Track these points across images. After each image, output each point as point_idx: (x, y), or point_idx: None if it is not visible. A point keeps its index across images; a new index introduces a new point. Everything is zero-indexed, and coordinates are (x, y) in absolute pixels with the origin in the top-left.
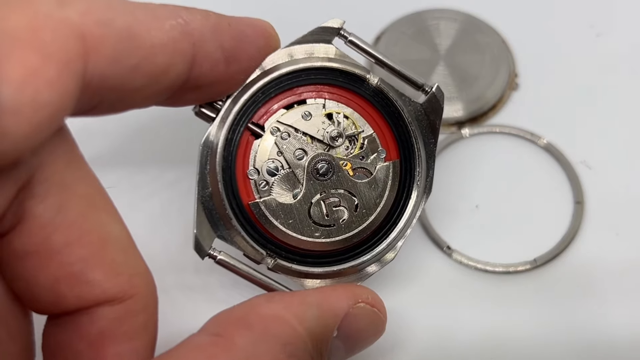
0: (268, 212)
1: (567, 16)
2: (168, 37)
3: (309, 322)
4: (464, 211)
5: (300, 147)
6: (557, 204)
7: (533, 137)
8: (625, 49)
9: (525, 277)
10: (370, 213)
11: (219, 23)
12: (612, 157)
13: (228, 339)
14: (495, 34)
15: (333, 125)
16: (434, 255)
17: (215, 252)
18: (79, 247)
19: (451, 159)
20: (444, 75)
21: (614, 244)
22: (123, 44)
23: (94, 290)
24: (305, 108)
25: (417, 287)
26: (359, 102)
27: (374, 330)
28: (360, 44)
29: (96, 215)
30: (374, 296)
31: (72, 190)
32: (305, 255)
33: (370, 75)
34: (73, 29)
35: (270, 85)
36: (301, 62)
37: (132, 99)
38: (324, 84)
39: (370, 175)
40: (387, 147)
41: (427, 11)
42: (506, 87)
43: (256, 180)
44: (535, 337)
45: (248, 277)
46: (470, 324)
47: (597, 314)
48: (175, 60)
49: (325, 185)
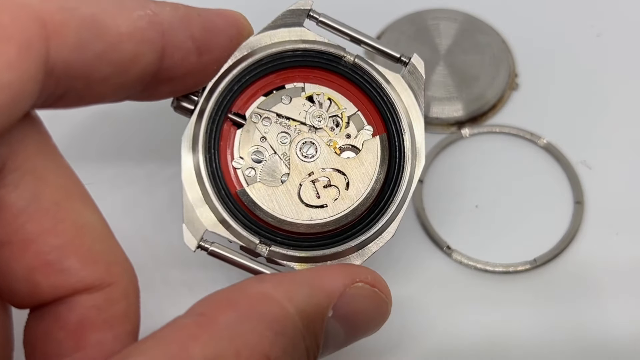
0: (257, 198)
1: (567, 16)
2: (135, 27)
3: (298, 301)
4: (463, 211)
5: (283, 131)
6: (557, 203)
7: (533, 137)
8: (625, 49)
9: (525, 277)
10: (363, 189)
11: (188, 13)
12: (612, 157)
13: (211, 318)
14: (495, 34)
15: (315, 107)
16: (434, 255)
17: (207, 244)
18: (54, 235)
19: (451, 159)
20: (444, 75)
21: (613, 243)
22: (87, 31)
23: (70, 278)
24: (284, 92)
25: (417, 286)
26: (339, 81)
27: (375, 312)
28: (331, 23)
29: (71, 204)
30: (374, 276)
31: (46, 179)
32: (300, 240)
33: (346, 52)
34: (33, 14)
35: (245, 73)
36: (274, 46)
37: (100, 89)
38: (301, 66)
39: (358, 151)
40: (373, 123)
41: (427, 11)
42: (506, 87)
43: (242, 169)
44: (535, 336)
45: (243, 266)
46: (470, 324)
47: (597, 314)
48: (143, 50)
49: (312, 166)
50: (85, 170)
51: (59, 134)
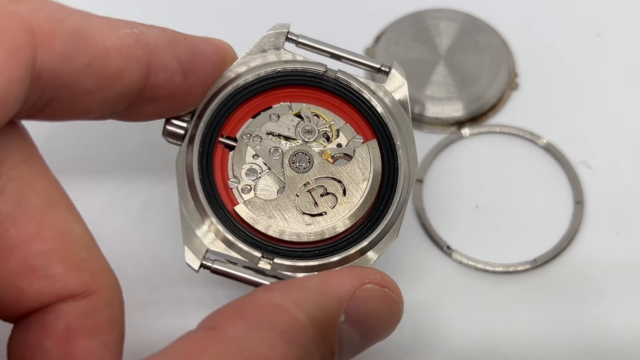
0: (255, 213)
1: (567, 16)
2: (122, 43)
3: (309, 308)
4: (463, 211)
5: (274, 147)
6: (557, 203)
7: (533, 137)
8: (625, 49)
9: (525, 277)
10: (360, 193)
11: (175, 36)
12: (612, 157)
13: (220, 330)
14: (495, 34)
15: (304, 122)
16: (434, 255)
17: (208, 262)
18: (39, 241)
19: (451, 159)
20: (444, 75)
21: (613, 243)
22: (74, 42)
23: (55, 284)
24: (271, 111)
25: (417, 286)
26: (324, 97)
27: (387, 313)
28: (310, 43)
29: (56, 212)
30: (383, 276)
31: (31, 187)
32: (304, 250)
33: (327, 69)
34: (22, 21)
35: (231, 97)
36: (258, 69)
37: (85, 101)
38: (285, 86)
39: (351, 158)
40: (362, 133)
41: (427, 11)
42: (506, 87)
43: (238, 187)
44: (535, 336)
45: (247, 280)
46: (470, 324)
47: (597, 314)
48: (129, 66)
49: (307, 176)
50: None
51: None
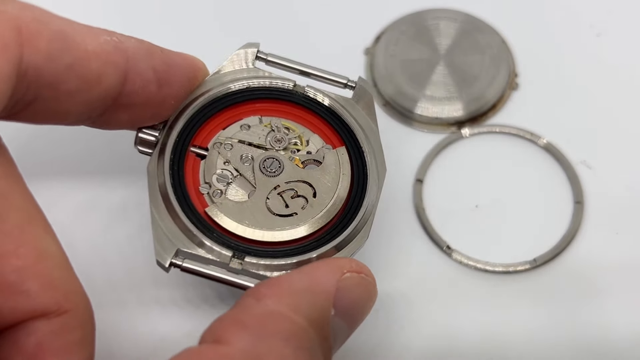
0: (225, 214)
1: (567, 16)
2: (102, 48)
3: (305, 310)
4: (463, 211)
5: (245, 153)
6: (557, 203)
7: (533, 137)
8: (625, 48)
9: (525, 276)
10: (330, 195)
11: (151, 47)
12: (612, 157)
13: (226, 343)
14: (495, 34)
15: (274, 132)
16: (434, 255)
17: (179, 261)
18: (15, 257)
19: (451, 159)
20: (444, 75)
21: (613, 243)
22: (58, 43)
23: (30, 301)
24: (242, 122)
25: (417, 286)
26: (293, 110)
27: (367, 297)
28: (279, 61)
29: (33, 229)
30: (357, 263)
31: (10, 202)
32: (274, 250)
33: (295, 84)
34: (10, 20)
35: (204, 109)
36: (228, 83)
37: (66, 103)
38: (256, 99)
39: (320, 164)
40: (332, 142)
41: (427, 11)
42: (506, 87)
43: (209, 192)
44: (535, 336)
45: (217, 279)
46: (470, 324)
47: (597, 314)
48: (108, 70)
49: (277, 180)
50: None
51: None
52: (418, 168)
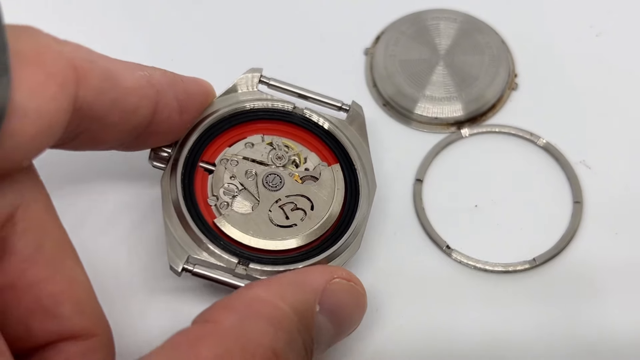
0: (232, 224)
1: (566, 16)
2: (138, 83)
3: (290, 299)
4: (463, 211)
5: (249, 169)
6: (556, 203)
7: (532, 137)
8: (625, 48)
9: (525, 276)
10: (327, 208)
11: (174, 78)
12: (611, 157)
13: (215, 322)
14: (494, 34)
15: (275, 150)
16: (433, 255)
17: (190, 267)
18: (51, 283)
19: (450, 159)
20: (444, 75)
21: (613, 243)
22: (105, 81)
23: (63, 324)
24: (246, 141)
25: (416, 286)
26: (293, 130)
27: (354, 303)
28: (280, 85)
29: (66, 259)
30: (348, 272)
31: (48, 233)
32: (276, 257)
33: (295, 106)
34: (67, 60)
35: (211, 128)
36: (234, 105)
37: (108, 133)
38: (259, 120)
39: (317, 180)
40: (327, 160)
41: (426, 11)
42: (505, 87)
43: (217, 204)
44: (535, 336)
45: (224, 282)
46: (469, 323)
47: (596, 313)
48: (143, 103)
49: (279, 194)
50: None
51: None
52: (418, 168)
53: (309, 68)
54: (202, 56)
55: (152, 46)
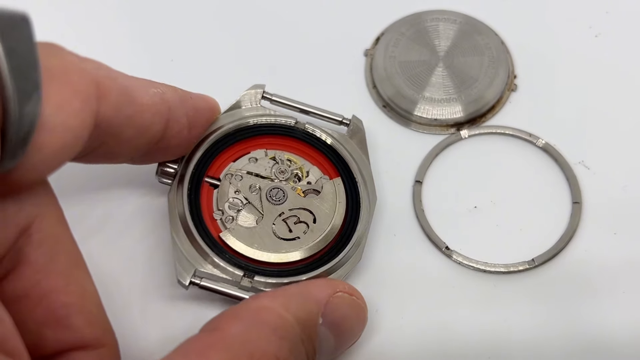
0: (237, 238)
1: (565, 17)
2: (152, 100)
3: (294, 309)
4: (462, 212)
5: (253, 184)
6: (555, 204)
7: (531, 137)
8: (624, 49)
9: (524, 276)
10: (328, 221)
11: (184, 95)
12: (610, 158)
13: (222, 330)
14: (494, 36)
15: (278, 164)
16: (433, 256)
17: (197, 280)
18: (64, 294)
19: (450, 160)
20: (443, 77)
21: (612, 243)
22: (123, 97)
23: (74, 334)
24: (250, 156)
25: (416, 287)
26: (295, 144)
27: (355, 317)
28: (283, 101)
29: (78, 271)
30: (351, 287)
31: (61, 245)
32: (280, 270)
33: (296, 121)
34: (90, 77)
35: (216, 143)
36: (238, 121)
37: (122, 147)
38: (262, 135)
39: (319, 193)
40: (329, 173)
41: (426, 12)
42: (505, 88)
43: (222, 218)
44: (534, 336)
45: (230, 295)
46: (469, 323)
47: (595, 313)
48: (156, 119)
49: (282, 207)
50: None
51: None
52: (417, 169)
53: (309, 69)
54: (202, 57)
55: (153, 47)
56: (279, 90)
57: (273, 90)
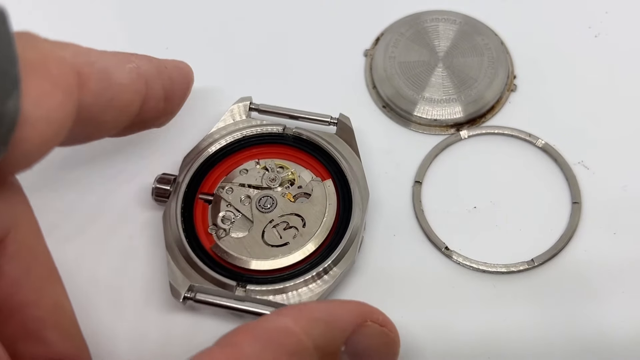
0: (228, 248)
1: (565, 17)
2: (130, 79)
3: (315, 335)
4: (462, 212)
5: (244, 195)
6: (555, 204)
7: (531, 138)
8: (624, 49)
9: (523, 277)
10: (318, 224)
11: (159, 65)
12: (609, 158)
13: (238, 347)
14: (493, 36)
15: (268, 172)
16: (433, 256)
17: (191, 294)
18: (37, 308)
19: (449, 161)
20: (443, 77)
21: (611, 243)
22: (102, 82)
23: (49, 349)
24: (241, 167)
25: (416, 287)
26: (285, 150)
27: (385, 350)
28: (270, 110)
29: (52, 284)
30: (384, 317)
31: (37, 258)
32: (272, 276)
33: (285, 127)
34: (70, 66)
35: (208, 160)
36: (227, 135)
37: (100, 129)
38: (252, 146)
39: (309, 196)
40: (321, 175)
41: (426, 13)
42: (504, 89)
43: (216, 232)
44: (534, 336)
45: (225, 306)
46: (469, 324)
47: (595, 313)
48: (135, 98)
49: (271, 215)
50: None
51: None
52: (417, 170)
53: (309, 70)
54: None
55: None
56: (279, 90)
57: (273, 91)
